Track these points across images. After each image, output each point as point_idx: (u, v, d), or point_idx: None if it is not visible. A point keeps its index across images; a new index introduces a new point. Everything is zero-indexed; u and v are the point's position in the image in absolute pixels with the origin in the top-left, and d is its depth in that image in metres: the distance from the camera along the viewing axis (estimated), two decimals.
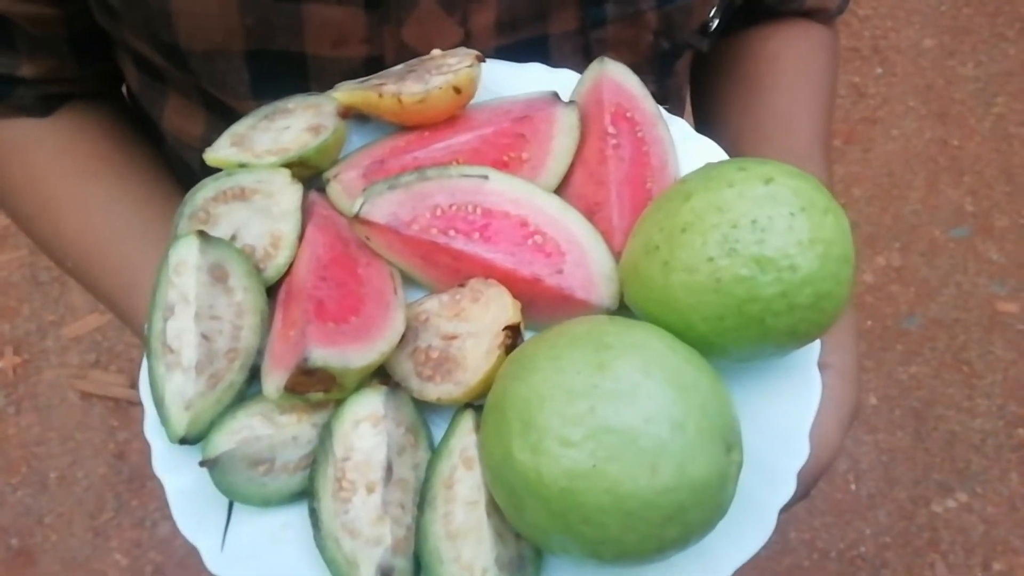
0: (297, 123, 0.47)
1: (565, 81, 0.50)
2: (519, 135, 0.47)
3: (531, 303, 0.43)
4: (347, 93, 0.47)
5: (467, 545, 0.38)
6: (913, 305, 1.48)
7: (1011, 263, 1.52)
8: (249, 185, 0.44)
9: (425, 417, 0.43)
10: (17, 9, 0.50)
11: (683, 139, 0.49)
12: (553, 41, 0.52)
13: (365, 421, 0.40)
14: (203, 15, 0.47)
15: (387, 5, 0.47)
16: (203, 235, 0.42)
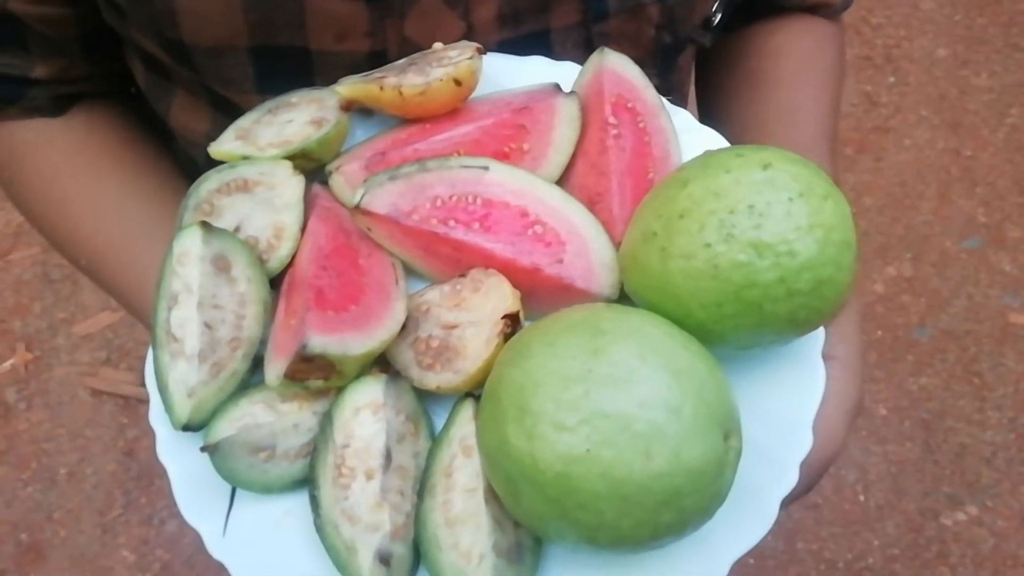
0: (300, 116, 0.47)
1: (567, 74, 0.50)
2: (520, 126, 0.47)
3: (531, 293, 0.43)
4: (349, 86, 0.48)
5: (465, 532, 0.38)
6: (924, 316, 1.46)
7: (1023, 274, 1.50)
8: (252, 177, 0.45)
9: (427, 407, 0.43)
10: (30, 10, 0.51)
11: (687, 130, 0.49)
12: (555, 35, 0.52)
13: (365, 409, 0.40)
14: (207, 12, 0.47)
15: None
16: (206, 226, 0.43)
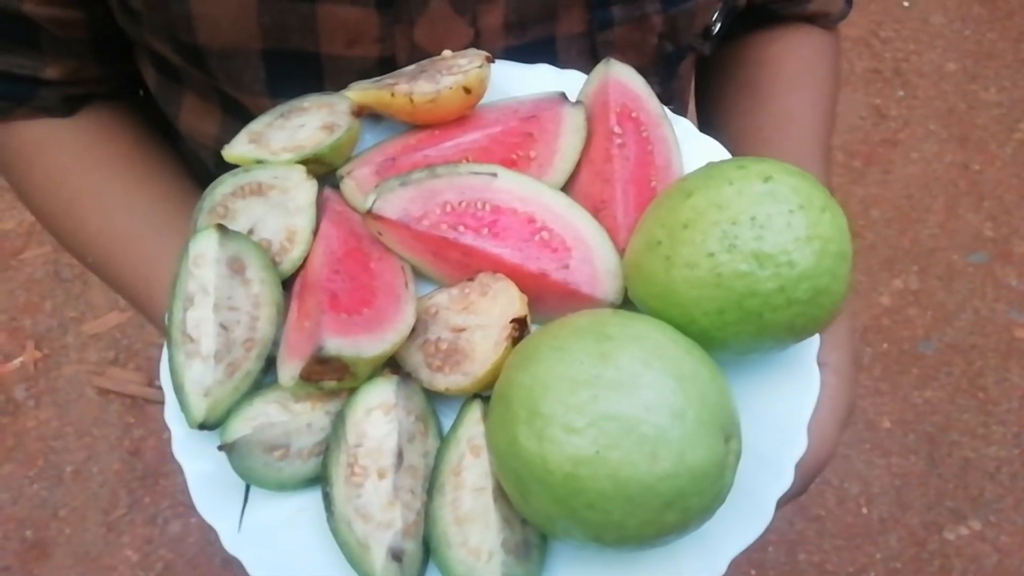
0: (312, 121, 0.48)
1: (572, 82, 0.52)
2: (527, 134, 0.48)
3: (538, 297, 0.45)
4: (360, 92, 0.49)
5: (474, 530, 0.39)
6: (930, 329, 1.46)
7: None
8: (266, 181, 0.46)
9: (434, 407, 0.44)
10: (43, 12, 0.52)
11: (687, 138, 0.50)
12: (561, 43, 0.53)
13: (377, 409, 0.42)
14: (222, 16, 0.48)
15: (399, 5, 0.49)
16: (222, 228, 0.44)
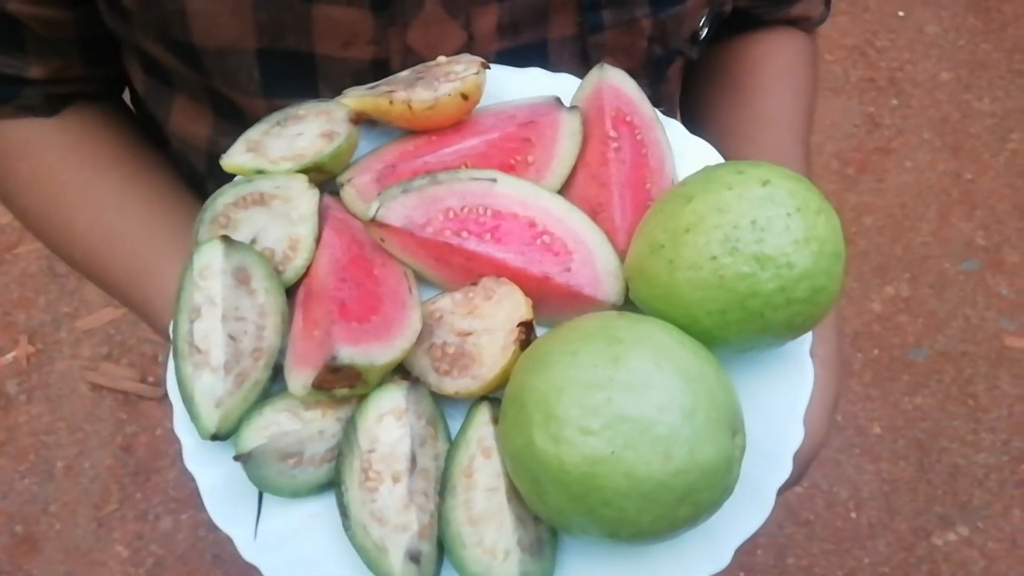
0: (310, 129, 0.49)
1: (564, 84, 0.52)
2: (525, 139, 0.49)
3: (541, 300, 0.46)
4: (358, 99, 0.49)
5: (489, 529, 0.40)
6: (920, 336, 1.48)
7: (1021, 298, 1.51)
8: (268, 191, 0.46)
9: (442, 410, 0.45)
10: (28, 11, 0.52)
11: (679, 140, 0.51)
12: (552, 46, 0.54)
13: (389, 415, 0.42)
14: (217, 13, 0.48)
15: (393, 7, 0.49)
16: (227, 240, 0.44)
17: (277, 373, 0.44)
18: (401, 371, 0.45)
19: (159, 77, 0.56)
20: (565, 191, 0.49)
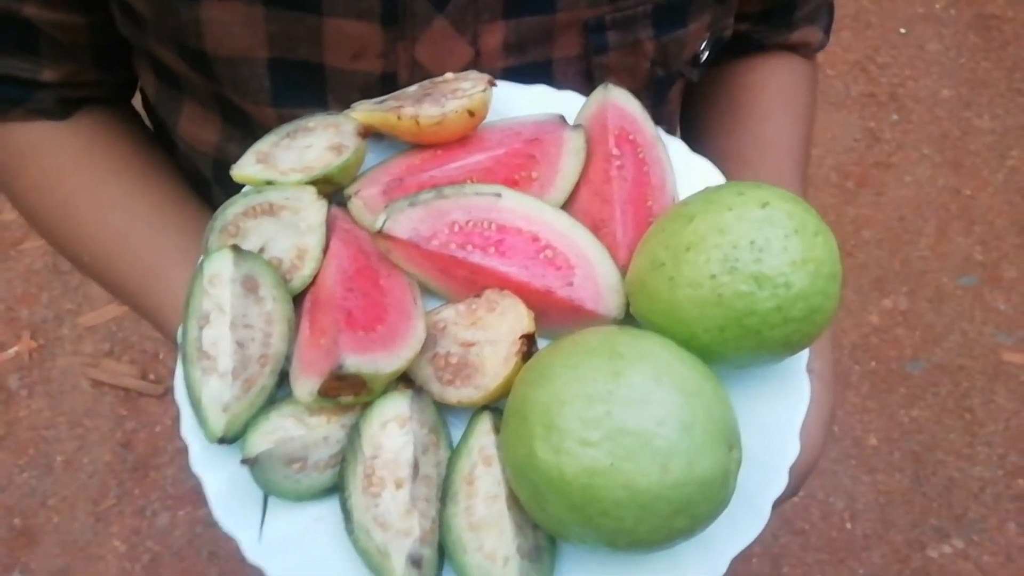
0: (319, 142, 0.50)
1: (568, 101, 0.54)
2: (530, 156, 0.50)
3: (543, 313, 0.47)
4: (366, 113, 0.50)
5: (489, 536, 0.41)
6: (918, 349, 1.49)
7: (1018, 313, 1.52)
8: (278, 201, 0.47)
9: (444, 418, 0.46)
10: (44, 16, 0.53)
11: (680, 159, 0.53)
12: (558, 65, 0.55)
13: (392, 422, 0.43)
14: (231, 23, 0.49)
15: (403, 23, 0.50)
16: (237, 249, 0.45)
17: (283, 379, 0.45)
18: (405, 380, 0.46)
19: (170, 83, 0.57)
20: (568, 207, 0.50)
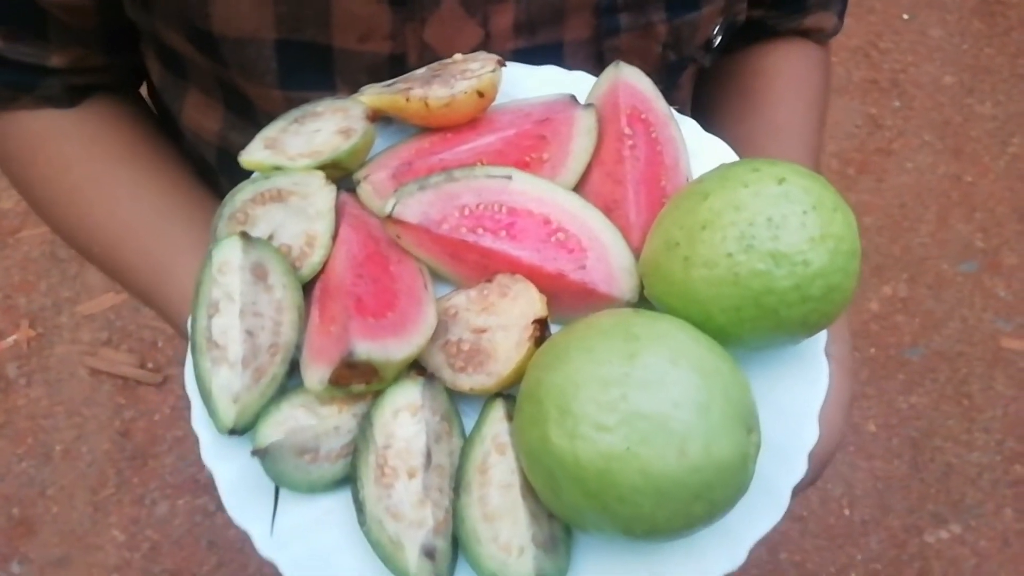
0: (327, 126, 0.49)
1: (579, 82, 0.53)
2: (540, 136, 0.49)
3: (556, 297, 0.46)
4: (375, 96, 0.49)
5: (504, 526, 0.40)
6: (917, 336, 1.48)
7: (1018, 300, 1.51)
8: (286, 187, 0.47)
9: (456, 405, 0.45)
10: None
11: (693, 138, 0.51)
12: (568, 47, 0.54)
13: (404, 410, 0.42)
14: (239, 4, 0.49)
15: (412, 3, 0.49)
16: (246, 236, 0.44)
17: (294, 368, 0.45)
18: (416, 367, 0.45)
19: (175, 70, 0.57)
20: (580, 188, 0.49)
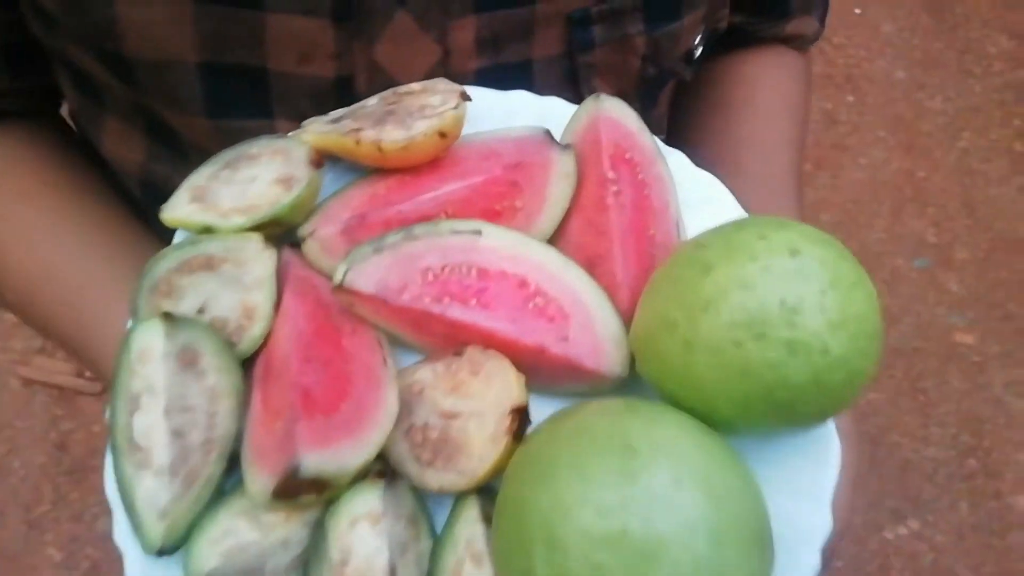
0: (264, 174, 0.42)
1: (552, 110, 0.46)
2: (512, 183, 0.43)
3: (535, 370, 0.40)
4: (320, 137, 0.43)
5: None
6: None
7: (970, 295, 1.52)
8: (218, 254, 0.40)
9: (423, 500, 0.40)
10: None
11: (681, 173, 0.46)
12: (538, 66, 0.48)
13: (363, 520, 0.37)
14: (152, 22, 0.42)
15: (358, 18, 0.43)
16: (169, 318, 0.38)
17: (234, 462, 0.39)
18: (377, 463, 0.39)
19: (90, 95, 0.49)
20: (558, 240, 0.44)
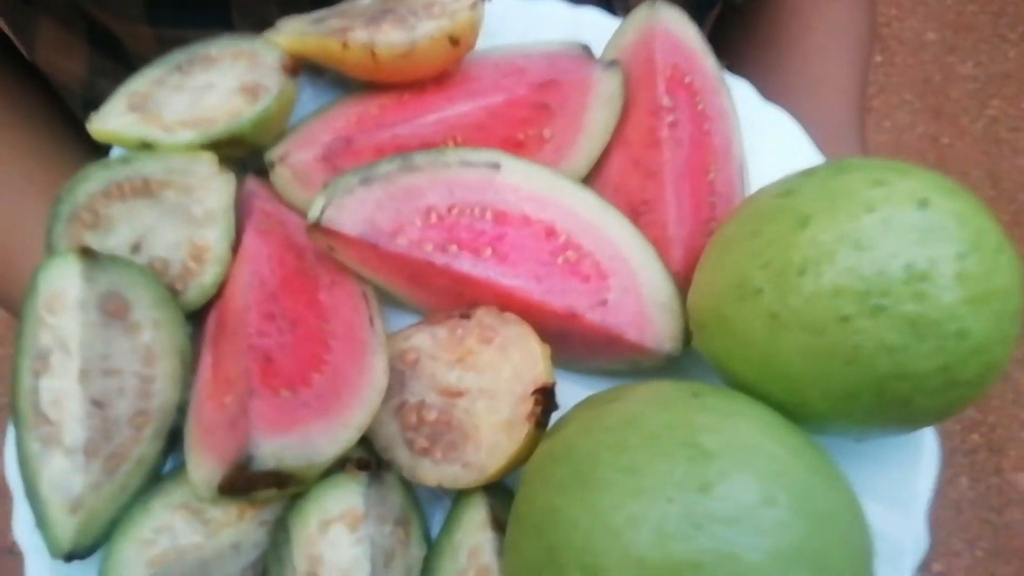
0: (224, 80, 0.33)
1: (590, 24, 0.38)
2: (541, 106, 0.34)
3: (563, 338, 0.32)
4: (296, 38, 0.34)
5: None
6: None
7: None
8: (156, 176, 0.31)
9: (415, 496, 0.31)
10: None
11: (746, 108, 0.37)
12: None
13: (338, 522, 0.28)
14: None
15: None
16: (87, 254, 0.29)
17: (176, 441, 0.30)
18: (358, 448, 0.31)
19: None
20: (596, 180, 0.35)
